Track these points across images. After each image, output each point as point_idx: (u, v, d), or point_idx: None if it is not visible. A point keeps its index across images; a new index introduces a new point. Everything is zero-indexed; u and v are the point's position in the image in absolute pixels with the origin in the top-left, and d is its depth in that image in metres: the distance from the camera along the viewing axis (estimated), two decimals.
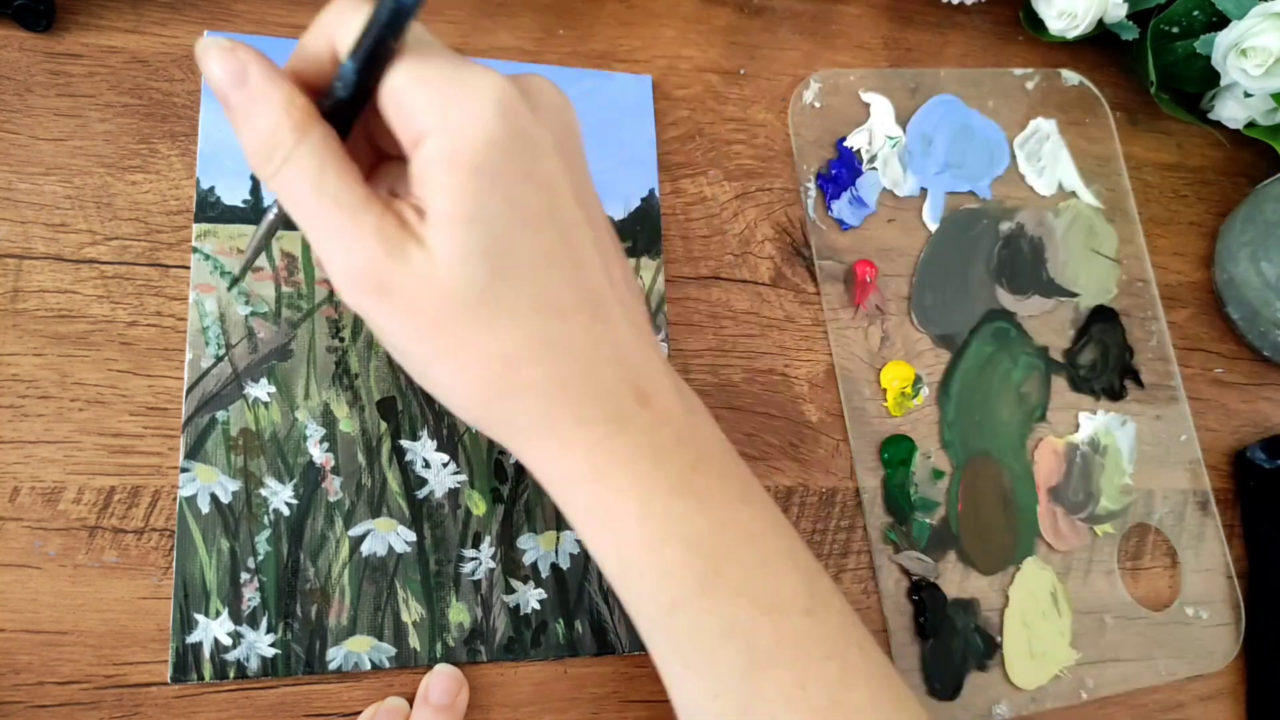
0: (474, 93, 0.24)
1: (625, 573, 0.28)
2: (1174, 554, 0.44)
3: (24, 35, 0.35)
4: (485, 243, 0.24)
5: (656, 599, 0.27)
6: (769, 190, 0.43)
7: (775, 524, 0.29)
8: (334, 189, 0.25)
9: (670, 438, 0.27)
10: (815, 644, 0.27)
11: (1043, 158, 0.47)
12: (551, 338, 0.26)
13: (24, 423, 0.32)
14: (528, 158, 0.25)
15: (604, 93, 0.41)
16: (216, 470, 0.33)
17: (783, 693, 0.26)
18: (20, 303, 0.33)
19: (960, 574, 0.40)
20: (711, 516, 0.27)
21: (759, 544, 0.28)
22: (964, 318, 0.44)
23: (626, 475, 0.27)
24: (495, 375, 0.26)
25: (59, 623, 0.31)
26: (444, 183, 0.24)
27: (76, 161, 0.34)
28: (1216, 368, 0.48)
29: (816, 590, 0.28)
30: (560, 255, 0.26)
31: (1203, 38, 0.45)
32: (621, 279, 0.28)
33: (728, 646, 0.27)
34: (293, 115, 0.25)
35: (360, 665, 0.32)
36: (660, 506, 0.27)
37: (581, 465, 0.27)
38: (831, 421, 0.40)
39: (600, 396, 0.27)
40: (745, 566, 0.27)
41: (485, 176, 0.24)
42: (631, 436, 0.27)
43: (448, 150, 0.24)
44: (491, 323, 0.25)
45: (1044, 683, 0.40)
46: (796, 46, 0.45)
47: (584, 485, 0.27)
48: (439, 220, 0.24)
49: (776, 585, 0.27)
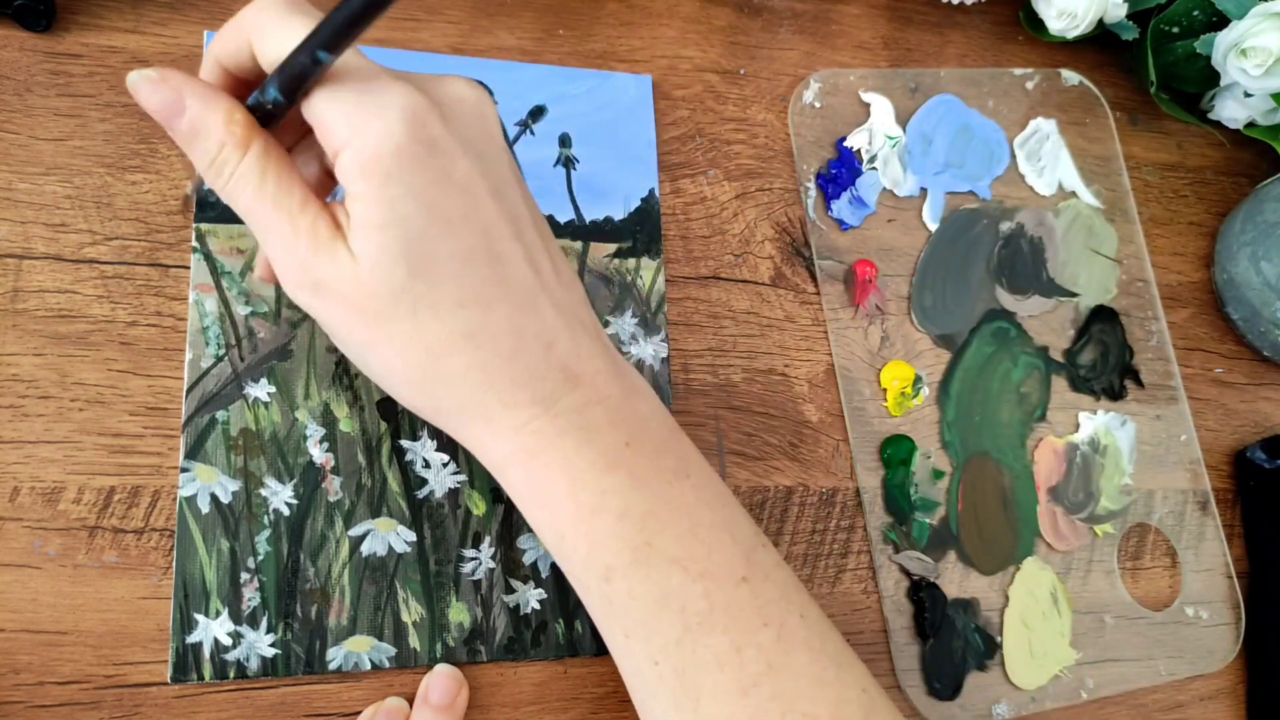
0: (381, 105, 0.26)
1: (561, 545, 0.29)
2: (1174, 554, 0.44)
3: (24, 35, 0.35)
4: (400, 246, 0.26)
5: (591, 569, 0.29)
6: (769, 190, 0.43)
7: (714, 497, 0.30)
8: (272, 193, 0.27)
9: (601, 416, 0.29)
10: (751, 611, 0.28)
11: (1043, 158, 0.47)
12: (473, 329, 0.27)
13: (24, 423, 0.32)
14: (439, 163, 0.26)
15: (604, 93, 0.41)
16: (216, 470, 0.33)
17: (718, 656, 0.28)
18: (20, 303, 0.33)
19: (960, 574, 0.40)
20: (644, 491, 0.29)
21: (693, 515, 0.29)
22: (964, 318, 0.44)
23: (555, 453, 0.28)
24: (420, 364, 0.28)
25: (59, 623, 0.31)
26: (359, 191, 0.26)
27: (76, 161, 0.34)
28: (1216, 368, 0.48)
29: (754, 560, 0.29)
30: (479, 252, 0.27)
31: (1203, 38, 0.45)
32: (550, 269, 0.30)
33: (663, 612, 0.28)
34: (233, 133, 0.27)
35: (360, 665, 0.32)
36: (590, 480, 0.28)
37: (512, 445, 0.29)
38: (831, 421, 0.40)
39: (524, 381, 0.28)
40: (678, 537, 0.29)
41: (395, 183, 0.26)
42: (560, 416, 0.28)
43: (359, 161, 0.26)
44: (413, 317, 0.27)
45: (1044, 683, 0.40)
46: (796, 46, 0.45)
47: (516, 465, 0.29)
48: (359, 225, 0.26)
49: (709, 554, 0.29)
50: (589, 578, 0.29)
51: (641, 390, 0.31)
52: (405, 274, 0.26)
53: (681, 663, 0.28)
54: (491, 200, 0.28)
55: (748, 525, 0.31)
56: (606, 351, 0.30)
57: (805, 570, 0.38)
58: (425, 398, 0.29)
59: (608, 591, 0.29)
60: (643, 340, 0.39)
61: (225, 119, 0.27)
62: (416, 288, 0.27)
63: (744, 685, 0.28)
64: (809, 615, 0.30)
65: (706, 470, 0.31)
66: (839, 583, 0.39)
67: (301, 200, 0.27)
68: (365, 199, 0.26)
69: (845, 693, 0.29)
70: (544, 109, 0.40)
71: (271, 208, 0.27)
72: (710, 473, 0.31)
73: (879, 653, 0.38)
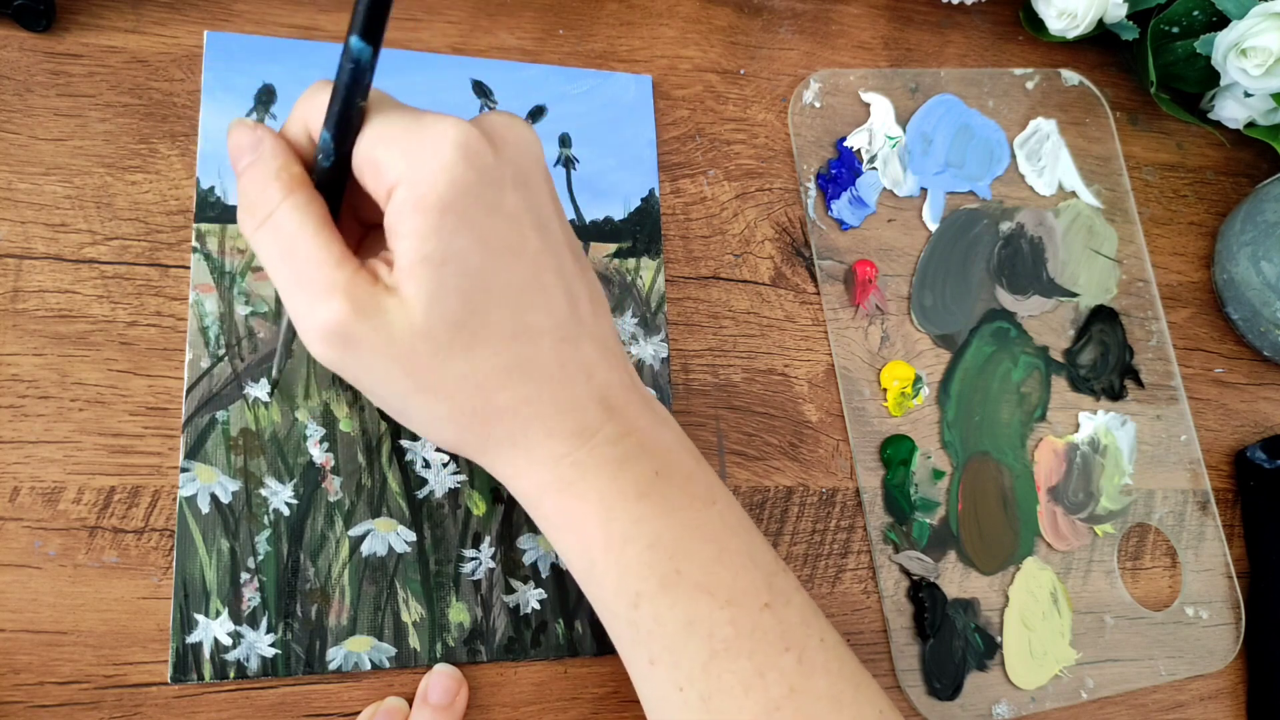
0: (434, 138, 0.26)
1: (591, 571, 0.29)
2: (1174, 554, 0.44)
3: (24, 35, 0.35)
4: (457, 280, 0.26)
5: (621, 595, 0.29)
6: (769, 190, 0.43)
7: (737, 524, 0.30)
8: (309, 248, 0.26)
9: (634, 446, 0.29)
10: (774, 636, 0.29)
11: (1043, 158, 0.47)
12: (522, 362, 0.28)
13: (24, 423, 0.32)
14: (491, 193, 0.26)
15: (604, 93, 0.41)
16: (216, 470, 0.33)
17: (742, 681, 0.28)
18: (20, 303, 0.33)
19: (960, 574, 0.40)
20: (673, 519, 0.29)
21: (719, 542, 0.29)
22: (964, 318, 0.44)
23: (590, 483, 0.29)
24: (470, 402, 0.28)
25: (59, 623, 0.30)
26: (414, 226, 0.26)
27: (76, 161, 0.34)
28: (1216, 368, 0.48)
29: (776, 586, 0.30)
30: (528, 284, 0.28)
31: (1203, 38, 0.45)
32: (587, 300, 0.30)
33: (689, 638, 0.28)
34: (282, 178, 0.26)
35: (360, 665, 0.32)
36: (622, 510, 0.29)
37: (548, 476, 0.29)
38: (831, 421, 0.40)
39: (567, 411, 0.28)
40: (704, 564, 0.29)
41: (452, 215, 0.26)
42: (597, 448, 0.29)
43: (415, 195, 0.25)
44: (467, 353, 0.27)
45: (1044, 683, 0.40)
46: (796, 46, 0.45)
47: (551, 494, 0.29)
48: (410, 265, 0.26)
49: (734, 580, 0.29)
50: (618, 604, 0.29)
51: (666, 419, 0.31)
52: (461, 309, 0.26)
53: (707, 688, 0.28)
54: (536, 233, 0.28)
55: (767, 551, 0.31)
56: (635, 382, 0.31)
57: (805, 570, 0.38)
58: (472, 435, 0.29)
59: (635, 618, 0.29)
60: (643, 340, 0.39)
61: (281, 165, 0.27)
62: (472, 323, 0.26)
63: (768, 709, 0.28)
64: (827, 639, 0.30)
65: (729, 497, 0.31)
66: (839, 583, 0.39)
67: (339, 256, 0.26)
68: (418, 234, 0.25)
69: (862, 712, 0.29)
70: (544, 109, 0.40)
71: (305, 262, 0.26)
72: (732, 499, 0.31)
73: (879, 653, 0.38)
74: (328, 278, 0.26)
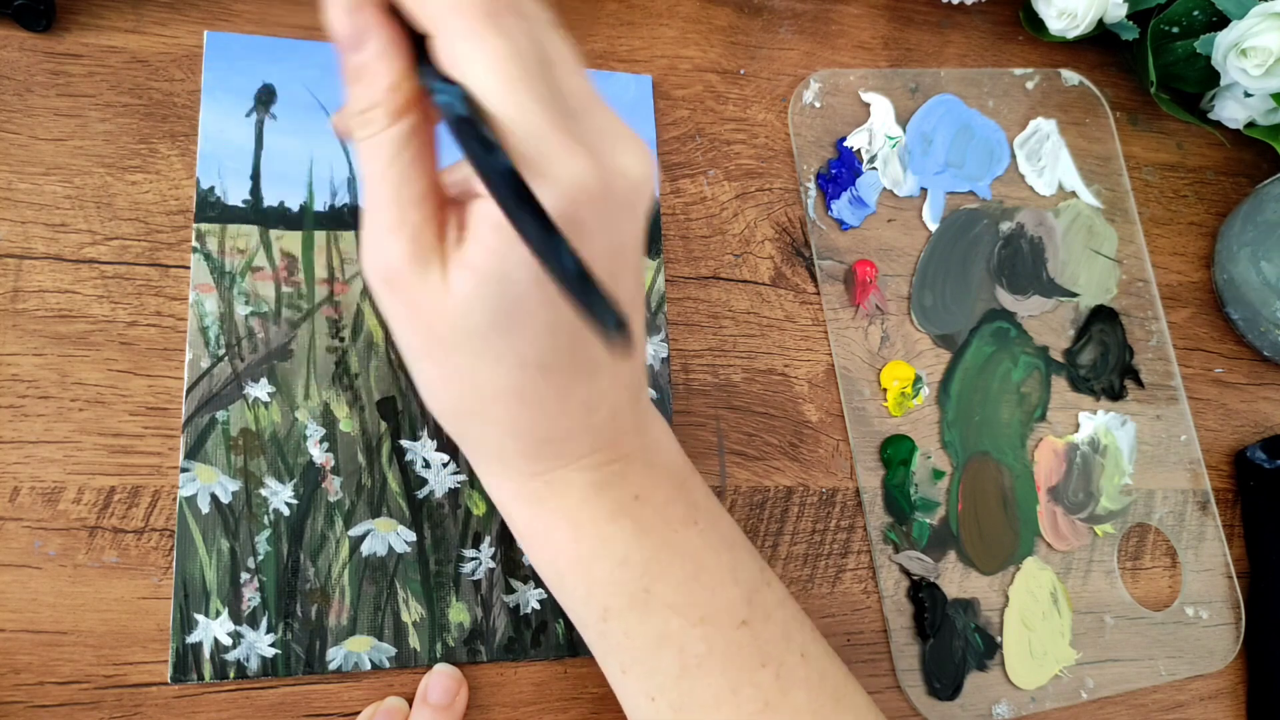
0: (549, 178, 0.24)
1: (561, 584, 0.30)
2: (1174, 554, 0.44)
3: (24, 35, 0.35)
4: (495, 300, 0.25)
5: (589, 608, 0.29)
6: (769, 190, 0.43)
7: (719, 541, 0.30)
8: (396, 180, 0.25)
9: (615, 474, 0.29)
10: (750, 653, 0.29)
11: (1043, 158, 0.47)
12: (524, 388, 0.27)
13: (24, 423, 0.32)
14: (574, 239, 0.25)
15: (603, 92, 0.41)
16: (216, 470, 0.33)
17: (715, 695, 0.28)
18: (20, 303, 0.33)
19: (960, 574, 0.40)
20: (646, 540, 0.29)
21: (698, 561, 0.29)
22: (964, 318, 0.44)
23: (560, 502, 0.29)
24: (464, 399, 0.28)
25: (59, 623, 0.30)
26: (485, 238, 0.25)
27: (76, 161, 0.34)
28: (1216, 368, 0.48)
29: (757, 601, 0.30)
30: (566, 326, 0.26)
31: (1203, 38, 0.45)
32: None
33: (660, 652, 0.28)
34: (392, 101, 0.25)
35: (360, 665, 0.32)
36: (592, 531, 0.29)
37: (522, 489, 0.29)
38: (831, 421, 0.40)
39: (554, 440, 0.28)
40: (678, 584, 0.29)
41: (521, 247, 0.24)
42: (574, 471, 0.29)
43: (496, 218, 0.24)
44: (474, 361, 0.26)
45: (1044, 683, 0.40)
46: (796, 46, 0.45)
47: (521, 505, 0.29)
48: (466, 262, 0.25)
49: (710, 599, 0.29)
50: (585, 615, 0.29)
51: (662, 442, 0.31)
52: (486, 324, 0.25)
53: (679, 700, 0.28)
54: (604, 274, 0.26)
55: (753, 565, 0.31)
56: (639, 405, 0.30)
57: (805, 570, 0.38)
58: (456, 426, 0.29)
59: (605, 629, 0.29)
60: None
61: (391, 83, 0.25)
62: (491, 337, 0.26)
63: None
64: (810, 652, 0.30)
65: (715, 514, 0.31)
66: (839, 583, 0.39)
67: (420, 195, 0.25)
68: (486, 247, 0.25)
69: None
70: None
71: (389, 192, 0.25)
72: (719, 516, 0.31)
73: (879, 653, 0.38)
74: (401, 216, 0.25)
